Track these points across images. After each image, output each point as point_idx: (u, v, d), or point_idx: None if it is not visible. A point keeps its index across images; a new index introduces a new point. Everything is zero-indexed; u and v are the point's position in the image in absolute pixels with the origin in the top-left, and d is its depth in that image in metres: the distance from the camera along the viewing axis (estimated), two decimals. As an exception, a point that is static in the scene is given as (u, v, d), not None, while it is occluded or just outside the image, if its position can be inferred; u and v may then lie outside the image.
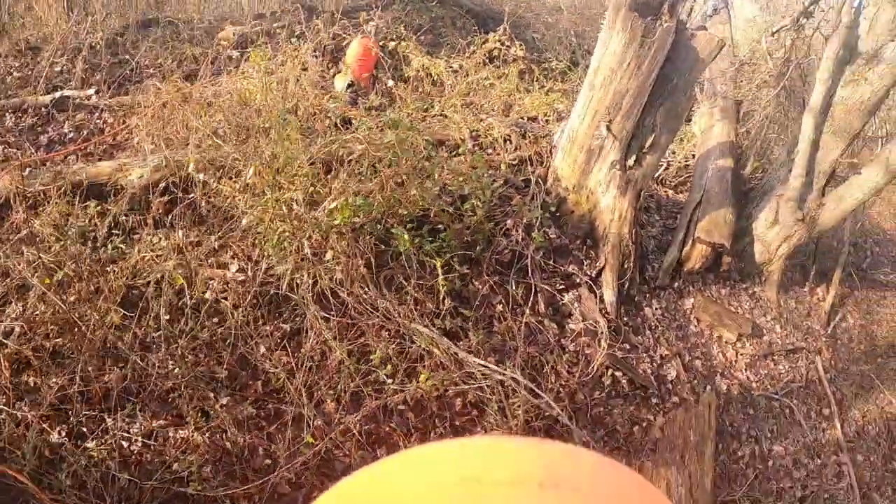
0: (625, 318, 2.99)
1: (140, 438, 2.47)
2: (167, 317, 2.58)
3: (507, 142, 2.97)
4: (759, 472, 3.29)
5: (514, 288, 2.67)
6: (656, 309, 3.16)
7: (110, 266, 2.74)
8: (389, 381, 2.36)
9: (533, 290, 2.71)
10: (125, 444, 2.49)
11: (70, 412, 2.52)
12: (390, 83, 3.36)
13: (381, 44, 3.39)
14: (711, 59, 3.15)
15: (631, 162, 3.18)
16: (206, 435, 2.47)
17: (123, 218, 2.85)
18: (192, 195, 2.84)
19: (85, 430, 2.48)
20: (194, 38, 3.96)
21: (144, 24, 4.52)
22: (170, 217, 2.88)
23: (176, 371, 2.55)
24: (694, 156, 4.15)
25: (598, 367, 2.77)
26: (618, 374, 2.84)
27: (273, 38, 3.54)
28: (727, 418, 3.41)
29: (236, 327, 2.52)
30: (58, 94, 4.37)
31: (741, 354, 3.72)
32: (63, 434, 2.49)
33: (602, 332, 2.82)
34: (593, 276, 2.93)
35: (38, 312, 2.66)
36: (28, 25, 5.73)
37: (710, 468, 2.91)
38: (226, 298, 2.58)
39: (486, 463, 0.32)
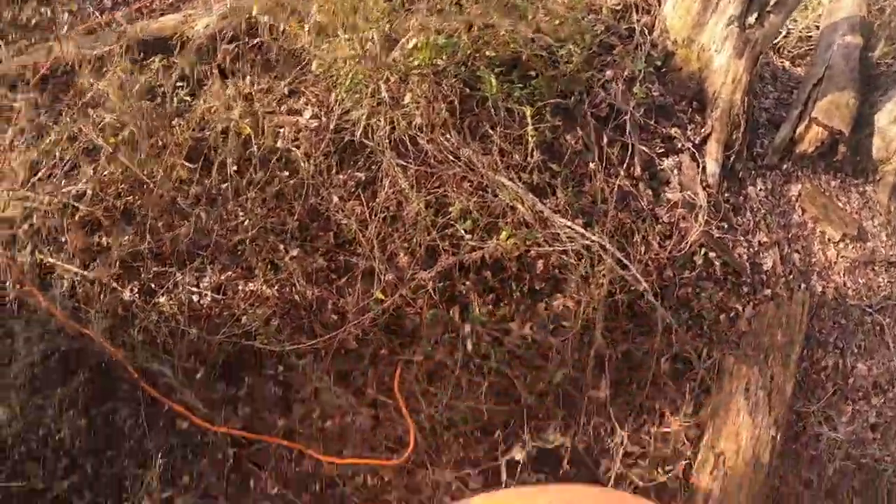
0: (726, 195, 2.68)
1: (209, 293, 2.44)
2: (235, 168, 2.46)
3: (611, -16, 2.56)
4: (839, 388, 3.03)
5: (609, 146, 2.39)
6: (760, 190, 2.83)
7: (176, 120, 2.62)
8: (468, 236, 2.19)
9: (630, 150, 2.43)
10: (195, 297, 2.46)
11: (140, 269, 2.49)
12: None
13: None
14: None
15: (752, 20, 2.72)
16: (275, 288, 2.41)
17: (189, 71, 2.70)
18: (259, 38, 2.63)
19: (154, 286, 2.47)
20: None
21: None
22: (237, 65, 2.70)
23: (245, 223, 2.46)
24: (818, 27, 3.57)
25: (691, 244, 2.51)
26: (711, 254, 2.58)
27: None
28: (816, 324, 3.12)
29: (308, 176, 2.38)
30: (118, -54, 4.13)
31: (842, 257, 3.35)
32: (134, 291, 2.49)
33: (701, 206, 2.53)
34: (697, 143, 2.60)
35: (107, 173, 2.60)
36: None
37: (792, 374, 2.68)
38: (297, 147, 2.42)
39: None
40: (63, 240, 2.54)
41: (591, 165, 2.41)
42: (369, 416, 2.23)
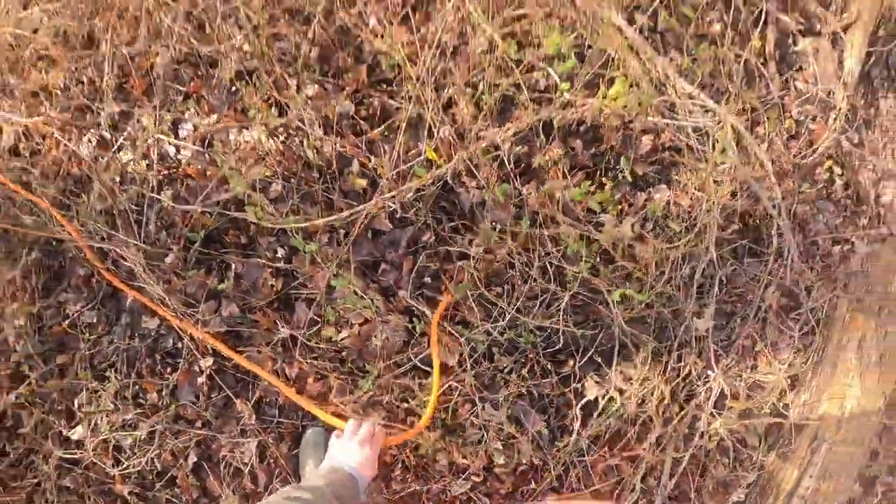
0: (861, 102, 2.12)
1: (189, 144, 1.79)
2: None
3: None
4: None
5: (743, 3, 1.79)
6: (892, 105, 2.28)
7: None
8: (564, 85, 1.57)
9: (763, 17, 1.83)
10: (170, 150, 1.82)
11: (100, 113, 1.82)
12: None
13: None
14: None
15: None
16: (280, 139, 1.77)
17: None
18: None
19: (118, 136, 1.81)
20: None
21: None
22: None
23: (244, 47, 1.79)
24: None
25: (820, 153, 1.96)
26: (837, 170, 2.04)
27: None
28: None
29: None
30: None
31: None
32: (91, 144, 1.83)
33: (838, 108, 1.97)
34: (841, 28, 2.01)
35: None
36: None
37: None
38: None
39: None
40: (8, 82, 1.87)
41: (717, 27, 1.80)
42: (402, 328, 1.63)
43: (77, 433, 1.69)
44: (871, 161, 2.19)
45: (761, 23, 1.87)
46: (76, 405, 1.69)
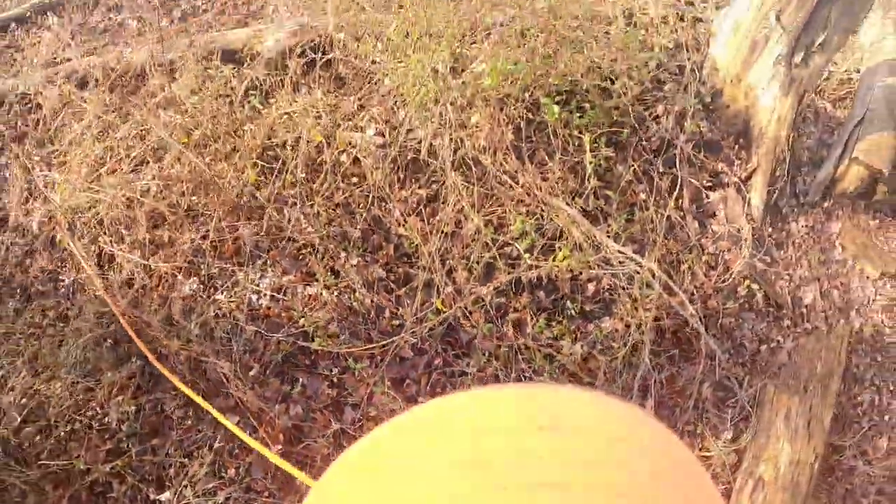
0: (769, 230, 2.75)
1: (269, 293, 2.56)
2: (303, 175, 2.59)
3: (664, 23, 2.69)
4: (874, 424, 3.05)
5: (659, 178, 2.49)
6: (802, 226, 2.90)
7: (247, 126, 2.77)
8: (526, 254, 2.29)
9: (679, 182, 2.53)
10: (254, 297, 2.58)
11: (202, 265, 2.63)
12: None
13: None
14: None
15: (798, 60, 2.83)
16: (335, 294, 2.52)
17: (259, 80, 2.85)
18: (331, 55, 2.78)
19: (217, 283, 2.60)
20: None
21: None
22: (307, 79, 2.86)
23: (309, 229, 2.59)
24: (858, 70, 3.67)
25: (735, 276, 2.59)
26: (754, 286, 2.65)
27: None
28: (854, 359, 3.16)
29: (373, 190, 2.51)
30: (187, -34, 4.37)
31: (881, 294, 3.39)
32: (194, 286, 2.61)
33: (745, 239, 2.61)
34: (743, 178, 2.68)
35: (174, 171, 2.75)
36: None
37: (831, 405, 2.72)
38: (364, 160, 2.55)
39: (485, 413, 0.31)
40: (126, 231, 2.67)
41: (642, 196, 2.51)
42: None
43: (165, 497, 2.25)
44: (786, 274, 2.79)
45: (677, 187, 2.56)
46: (166, 476, 2.25)
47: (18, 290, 2.67)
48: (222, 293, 2.59)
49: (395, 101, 2.53)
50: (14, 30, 4.10)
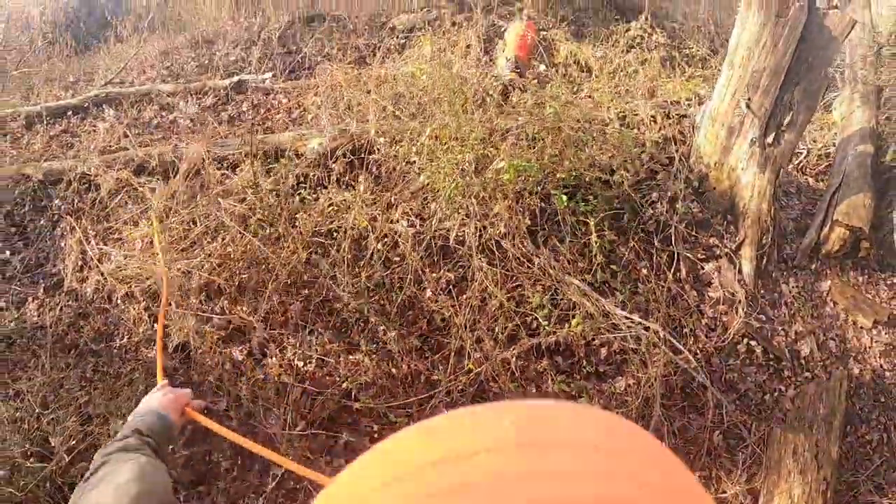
0: (762, 292, 3.10)
1: (315, 357, 2.94)
2: (349, 256, 3.03)
3: (652, 121, 3.17)
4: (886, 459, 3.26)
5: (658, 255, 2.88)
6: (793, 287, 3.23)
7: (297, 215, 3.25)
8: (545, 322, 2.67)
9: (676, 258, 2.90)
10: (301, 363, 2.97)
11: (252, 334, 3.04)
12: (542, 68, 3.64)
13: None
14: (844, 38, 3.16)
15: (770, 139, 3.27)
16: (375, 361, 2.90)
17: (308, 176, 3.35)
18: (370, 156, 3.29)
19: (266, 350, 2.99)
20: (357, 29, 4.46)
21: (308, 20, 5.12)
22: (348, 177, 3.36)
23: (352, 304, 3.01)
24: (835, 145, 4.10)
25: (734, 335, 2.91)
26: (753, 343, 2.97)
27: (433, 26, 3.95)
28: (857, 402, 3.41)
29: (409, 272, 2.93)
30: (235, 79, 5.06)
31: (876, 342, 3.67)
32: (244, 352, 3.01)
33: (740, 301, 2.95)
34: (733, 249, 3.06)
35: (230, 250, 3.21)
36: (200, 20, 6.56)
37: (836, 439, 2.97)
38: (400, 247, 2.99)
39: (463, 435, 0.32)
40: (179, 302, 3.07)
41: (644, 271, 2.89)
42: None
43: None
44: (782, 329, 3.11)
45: (675, 261, 2.94)
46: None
47: (71, 348, 2.98)
48: (271, 358, 2.98)
49: (427, 196, 2.99)
50: (70, 117, 4.68)
